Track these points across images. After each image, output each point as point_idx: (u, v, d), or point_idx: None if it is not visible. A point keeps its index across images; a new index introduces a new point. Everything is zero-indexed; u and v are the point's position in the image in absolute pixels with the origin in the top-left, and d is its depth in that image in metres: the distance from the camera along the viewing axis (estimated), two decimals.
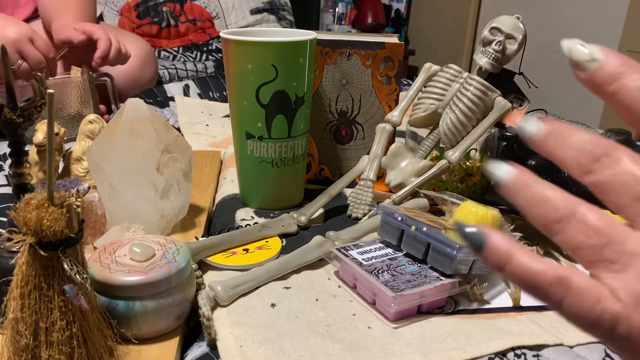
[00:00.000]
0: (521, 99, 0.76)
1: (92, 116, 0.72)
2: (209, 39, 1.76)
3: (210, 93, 1.36)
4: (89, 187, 0.65)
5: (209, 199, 0.76)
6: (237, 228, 0.66)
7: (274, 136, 0.71)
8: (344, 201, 0.77)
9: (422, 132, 0.76)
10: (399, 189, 0.72)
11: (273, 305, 0.53)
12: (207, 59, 1.67)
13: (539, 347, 0.49)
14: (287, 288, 0.56)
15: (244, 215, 0.74)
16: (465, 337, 0.49)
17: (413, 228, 0.56)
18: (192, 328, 0.52)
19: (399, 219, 0.58)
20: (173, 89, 1.31)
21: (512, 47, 0.71)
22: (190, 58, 1.66)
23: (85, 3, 1.17)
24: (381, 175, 0.78)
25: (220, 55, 1.71)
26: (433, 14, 3.19)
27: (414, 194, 0.71)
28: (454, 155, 0.69)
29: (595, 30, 2.38)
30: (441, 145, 0.72)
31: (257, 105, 0.69)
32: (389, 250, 0.59)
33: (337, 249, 0.59)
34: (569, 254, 0.21)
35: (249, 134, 0.71)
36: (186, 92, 1.33)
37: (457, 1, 3.02)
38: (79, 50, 1.05)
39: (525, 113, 0.78)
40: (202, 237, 0.65)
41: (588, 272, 0.21)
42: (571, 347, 0.49)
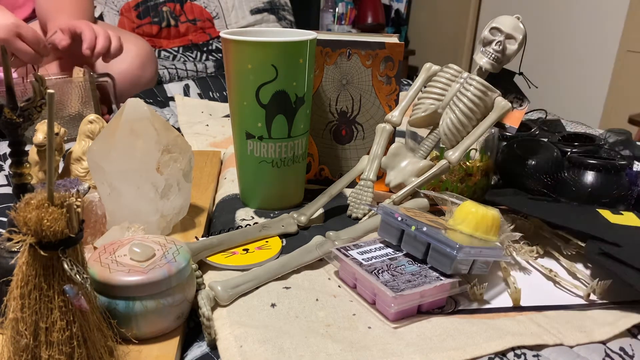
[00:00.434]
0: (521, 99, 0.76)
1: (92, 116, 0.72)
2: (209, 39, 1.76)
3: (210, 93, 1.36)
4: (89, 187, 0.65)
5: (209, 199, 0.76)
6: (237, 228, 0.66)
7: (274, 136, 0.71)
8: (344, 201, 0.77)
9: (422, 132, 0.76)
10: (399, 189, 0.72)
11: (273, 305, 0.53)
12: (207, 59, 1.67)
13: (539, 347, 0.49)
14: (287, 288, 0.56)
15: (244, 215, 0.74)
16: (465, 337, 0.49)
17: (413, 228, 0.56)
18: (192, 328, 0.52)
19: (399, 219, 0.58)
20: (173, 89, 1.31)
21: (512, 47, 0.71)
22: (190, 58, 1.66)
23: (81, 3, 1.16)
24: (381, 175, 0.78)
25: (220, 55, 1.71)
26: (433, 14, 3.19)
27: (414, 194, 0.71)
28: (454, 155, 0.69)
29: (595, 30, 2.38)
30: (441, 145, 0.72)
31: (257, 105, 0.69)
32: (389, 250, 0.59)
33: (337, 249, 0.59)
34: None
35: (249, 134, 0.71)
36: (186, 92, 1.33)
37: (457, 1, 3.02)
38: (72, 50, 1.04)
39: (525, 113, 0.78)
40: (202, 237, 0.65)
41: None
42: (571, 347, 0.49)
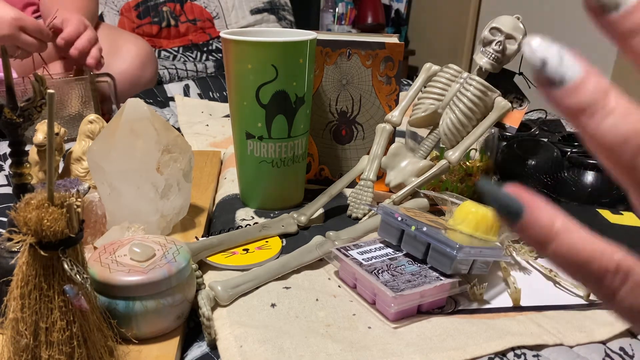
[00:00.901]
0: (521, 99, 0.76)
1: (92, 116, 0.72)
2: (209, 39, 1.76)
3: (210, 93, 1.36)
4: (89, 187, 0.65)
5: (209, 199, 0.76)
6: (237, 228, 0.66)
7: (274, 136, 0.71)
8: (344, 201, 0.77)
9: (422, 132, 0.76)
10: (399, 189, 0.72)
11: (273, 305, 0.53)
12: (207, 59, 1.67)
13: (539, 347, 0.49)
14: (287, 288, 0.56)
15: (244, 215, 0.74)
16: (465, 337, 0.49)
17: (413, 228, 0.56)
18: (192, 328, 0.52)
19: (399, 219, 0.58)
20: (173, 89, 1.31)
21: (512, 47, 0.71)
22: (190, 58, 1.66)
23: (86, 2, 1.16)
24: (381, 175, 0.78)
25: (220, 55, 1.71)
26: (433, 14, 3.19)
27: (414, 194, 0.71)
28: (454, 155, 0.69)
29: (595, 31, 2.37)
30: (441, 145, 0.72)
31: (257, 105, 0.69)
32: (389, 250, 0.59)
33: (337, 249, 0.59)
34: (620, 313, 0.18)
35: (249, 134, 0.71)
36: (186, 92, 1.33)
37: (457, 1, 3.02)
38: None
39: (525, 113, 0.78)
40: (202, 237, 0.65)
41: None
42: (571, 347, 0.49)
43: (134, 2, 1.69)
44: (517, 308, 0.55)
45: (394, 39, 0.78)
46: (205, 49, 1.72)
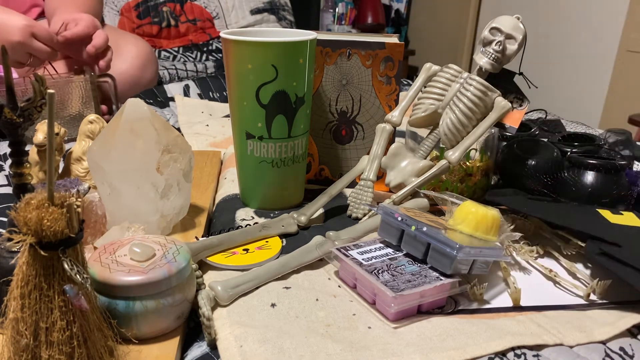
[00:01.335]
0: (521, 99, 0.76)
1: (92, 116, 0.72)
2: (209, 39, 1.76)
3: (210, 93, 1.36)
4: (89, 187, 0.65)
5: (209, 199, 0.76)
6: (237, 228, 0.66)
7: (274, 136, 0.71)
8: (344, 201, 0.77)
9: (422, 132, 0.76)
10: (399, 189, 0.72)
11: (273, 305, 0.53)
12: (207, 59, 1.67)
13: (539, 347, 0.49)
14: (287, 288, 0.56)
15: (244, 215, 0.74)
16: (465, 337, 0.49)
17: (413, 228, 0.56)
18: (192, 328, 0.52)
19: (399, 219, 0.58)
20: (173, 89, 1.31)
21: (512, 47, 0.72)
22: (190, 58, 1.66)
23: (89, 2, 1.16)
24: (381, 175, 0.78)
25: (220, 55, 1.71)
26: (433, 14, 3.19)
27: (414, 194, 0.71)
28: (454, 155, 0.69)
29: (595, 30, 2.38)
30: (441, 145, 0.72)
31: (257, 105, 0.69)
32: (389, 250, 0.59)
33: (337, 249, 0.59)
34: None
35: (249, 134, 0.71)
36: (186, 92, 1.33)
37: (457, 1, 3.02)
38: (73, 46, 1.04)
39: (525, 113, 0.78)
40: (202, 237, 0.65)
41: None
42: (571, 347, 0.49)
43: (134, 2, 1.70)
44: (517, 308, 0.55)
45: (394, 39, 0.78)
46: (205, 49, 1.72)
